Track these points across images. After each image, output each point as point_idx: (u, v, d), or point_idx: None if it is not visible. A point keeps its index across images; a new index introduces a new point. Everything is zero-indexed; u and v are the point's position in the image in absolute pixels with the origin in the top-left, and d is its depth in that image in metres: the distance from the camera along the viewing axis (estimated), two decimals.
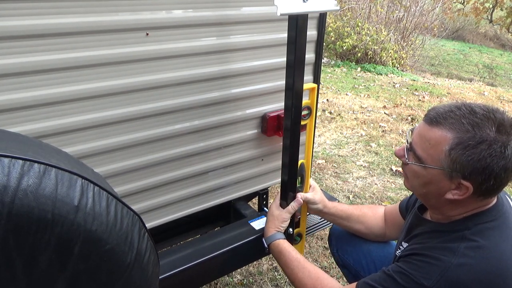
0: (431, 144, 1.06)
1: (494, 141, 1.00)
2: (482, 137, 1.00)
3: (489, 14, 16.19)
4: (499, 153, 1.00)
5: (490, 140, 1.00)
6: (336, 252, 1.72)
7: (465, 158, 1.02)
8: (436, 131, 1.06)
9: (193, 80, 1.49)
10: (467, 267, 1.04)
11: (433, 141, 1.06)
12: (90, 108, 1.32)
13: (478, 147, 1.00)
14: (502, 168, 1.01)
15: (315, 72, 1.83)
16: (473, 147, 1.01)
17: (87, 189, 0.87)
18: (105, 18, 1.25)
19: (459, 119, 1.03)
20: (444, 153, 1.04)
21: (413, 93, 6.30)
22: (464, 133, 1.02)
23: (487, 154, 1.00)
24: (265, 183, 1.92)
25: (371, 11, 8.30)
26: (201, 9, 1.42)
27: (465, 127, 1.02)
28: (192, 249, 1.57)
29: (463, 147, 1.02)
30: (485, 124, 1.01)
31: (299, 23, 1.37)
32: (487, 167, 1.01)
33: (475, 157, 1.01)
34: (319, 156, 3.87)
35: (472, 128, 1.01)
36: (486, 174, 1.02)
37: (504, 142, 1.00)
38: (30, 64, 1.17)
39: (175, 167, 1.59)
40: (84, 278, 0.91)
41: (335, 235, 1.74)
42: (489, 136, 1.00)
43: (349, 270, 1.68)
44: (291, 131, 1.52)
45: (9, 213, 0.77)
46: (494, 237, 1.07)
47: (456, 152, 1.02)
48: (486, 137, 1.00)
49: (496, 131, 1.01)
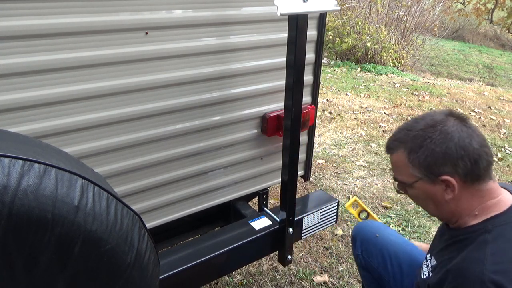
0: (399, 166, 1.22)
1: (432, 132, 1.14)
2: (422, 136, 1.15)
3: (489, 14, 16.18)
4: (442, 137, 1.13)
5: (430, 134, 1.14)
6: (360, 254, 1.68)
7: (423, 158, 1.15)
8: (394, 155, 1.22)
9: (193, 80, 1.49)
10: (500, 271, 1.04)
11: (398, 163, 1.22)
12: (90, 108, 1.32)
13: (424, 144, 1.14)
14: (457, 147, 1.11)
15: (315, 72, 1.83)
16: (421, 146, 1.15)
17: (87, 189, 0.87)
18: (105, 18, 1.25)
19: (401, 137, 1.20)
20: (409, 166, 1.18)
21: (413, 93, 6.30)
22: (409, 143, 1.17)
23: (434, 145, 1.13)
24: (265, 183, 1.92)
25: (371, 10, 8.30)
26: (201, 9, 1.42)
27: (408, 139, 1.18)
28: (192, 249, 1.57)
29: (414, 152, 1.16)
30: (421, 128, 1.17)
31: (299, 23, 1.37)
32: (444, 154, 1.12)
33: (428, 153, 1.14)
34: (319, 156, 3.87)
35: (413, 137, 1.17)
36: (450, 160, 1.12)
37: (441, 129, 1.14)
38: (30, 64, 1.17)
39: (175, 167, 1.59)
40: (84, 278, 0.91)
41: (360, 237, 1.69)
42: (427, 132, 1.15)
43: (371, 273, 1.65)
44: (291, 131, 1.52)
45: (9, 213, 0.77)
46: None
47: (413, 159, 1.16)
48: (424, 134, 1.15)
49: (430, 127, 1.16)
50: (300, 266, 2.40)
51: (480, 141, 1.13)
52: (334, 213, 1.94)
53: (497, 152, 4.15)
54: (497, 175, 3.66)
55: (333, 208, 1.92)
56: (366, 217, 2.03)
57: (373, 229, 1.69)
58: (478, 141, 1.13)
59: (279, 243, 1.75)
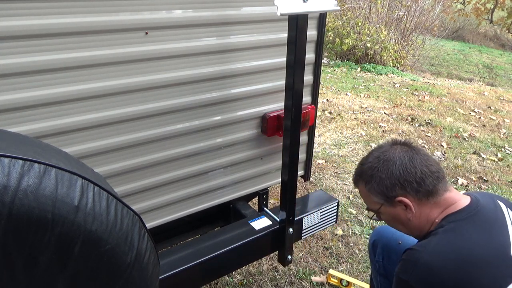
0: (364, 196, 1.38)
1: (377, 162, 1.30)
2: (370, 168, 1.31)
3: (489, 14, 16.18)
4: (385, 165, 1.28)
5: (375, 164, 1.30)
6: (381, 260, 1.67)
7: (376, 186, 1.30)
8: (359, 188, 1.38)
9: (193, 80, 1.49)
10: (437, 254, 1.16)
11: (362, 194, 1.38)
12: (90, 108, 1.32)
13: (374, 175, 1.30)
14: (400, 170, 1.26)
15: (315, 72, 1.83)
16: (372, 177, 1.30)
17: (87, 189, 0.87)
18: (105, 18, 1.25)
19: (358, 172, 1.37)
20: (370, 195, 1.33)
21: (413, 93, 6.30)
22: (363, 175, 1.34)
23: (380, 173, 1.28)
24: (265, 183, 1.92)
25: (371, 10, 8.30)
26: (201, 9, 1.42)
27: (362, 172, 1.34)
28: (192, 249, 1.57)
29: (368, 182, 1.32)
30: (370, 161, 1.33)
31: (299, 23, 1.37)
32: (391, 178, 1.26)
33: (378, 181, 1.29)
34: (319, 156, 3.87)
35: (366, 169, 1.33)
36: (397, 183, 1.26)
37: (383, 157, 1.30)
38: (30, 64, 1.17)
39: (175, 167, 1.59)
40: (84, 278, 0.91)
41: (382, 243, 1.69)
42: (373, 163, 1.31)
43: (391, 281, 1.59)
44: (291, 131, 1.52)
45: (9, 213, 0.77)
46: (465, 228, 1.20)
47: (370, 189, 1.32)
48: (372, 165, 1.31)
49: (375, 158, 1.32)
50: (300, 266, 2.40)
51: (422, 161, 1.26)
52: (334, 213, 1.94)
53: (497, 152, 4.15)
54: (497, 175, 3.66)
55: (333, 208, 1.92)
56: (347, 283, 2.21)
57: (395, 235, 1.68)
58: (420, 161, 1.26)
59: (279, 243, 1.74)
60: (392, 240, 1.67)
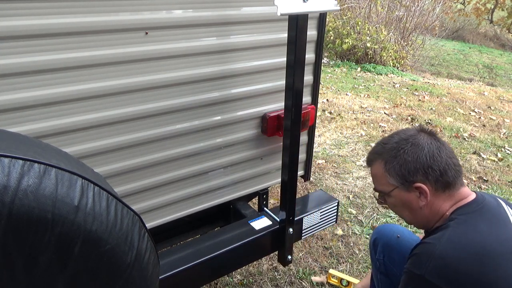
0: (377, 176, 1.34)
1: (405, 144, 1.28)
2: (396, 148, 1.29)
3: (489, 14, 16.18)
4: (414, 148, 1.26)
5: (402, 146, 1.28)
6: (382, 259, 1.68)
7: (397, 168, 1.27)
8: (373, 167, 1.36)
9: (193, 80, 1.49)
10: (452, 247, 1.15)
11: (376, 174, 1.35)
12: (90, 108, 1.32)
13: (397, 155, 1.28)
14: (427, 157, 1.25)
15: (315, 72, 1.83)
16: (395, 157, 1.28)
17: (87, 189, 0.87)
18: (105, 18, 1.25)
19: (379, 150, 1.34)
20: (386, 176, 1.31)
21: (413, 93, 6.30)
22: (385, 154, 1.31)
23: (406, 155, 1.26)
24: (265, 183, 1.92)
25: (371, 10, 8.30)
26: (201, 9, 1.42)
27: (383, 151, 1.32)
28: (192, 249, 1.57)
29: (389, 162, 1.29)
30: (395, 142, 1.31)
31: (299, 23, 1.37)
32: (415, 163, 1.25)
33: (401, 163, 1.27)
34: (319, 156, 3.87)
35: (389, 149, 1.31)
36: (421, 169, 1.25)
37: (412, 141, 1.28)
38: (30, 64, 1.17)
39: (175, 167, 1.59)
40: (84, 278, 0.91)
41: (382, 242, 1.71)
42: (400, 144, 1.29)
43: (391, 279, 1.65)
44: (291, 131, 1.52)
45: (9, 213, 0.77)
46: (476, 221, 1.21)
47: (389, 169, 1.29)
48: (399, 146, 1.29)
49: (403, 140, 1.30)
50: (300, 266, 2.40)
51: (448, 153, 1.27)
52: (334, 213, 1.94)
53: (497, 152, 4.15)
54: (497, 175, 3.66)
55: (333, 208, 1.92)
56: (347, 283, 2.21)
57: (395, 233, 1.69)
58: (446, 153, 1.26)
59: (279, 243, 1.74)
60: (392, 238, 1.68)
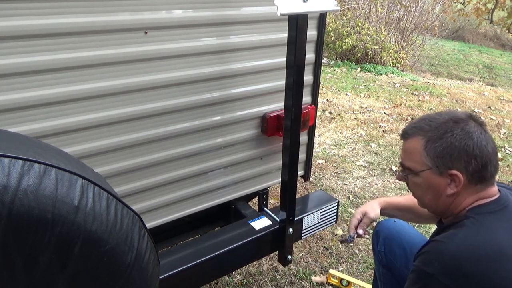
0: (411, 152, 1.26)
1: (455, 127, 1.20)
2: (444, 129, 1.20)
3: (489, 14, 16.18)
4: (463, 134, 1.19)
5: (451, 128, 1.20)
6: (383, 251, 1.67)
7: (439, 149, 1.20)
8: (410, 141, 1.26)
9: (193, 80, 1.49)
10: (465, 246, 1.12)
11: (411, 149, 1.26)
12: (90, 108, 1.32)
13: (444, 137, 1.19)
14: (474, 146, 1.18)
15: (315, 72, 1.83)
16: (440, 138, 1.20)
17: (87, 189, 0.87)
18: (105, 18, 1.25)
19: (422, 125, 1.25)
20: (422, 154, 1.22)
21: (413, 93, 6.30)
22: (429, 132, 1.22)
23: (454, 139, 1.18)
24: (265, 183, 1.92)
25: (371, 11, 8.30)
26: (201, 9, 1.42)
27: (429, 128, 1.23)
28: (192, 249, 1.57)
29: (432, 142, 1.21)
30: (443, 122, 1.22)
31: (299, 23, 1.37)
32: (461, 150, 1.18)
33: (445, 145, 1.19)
34: (319, 156, 3.87)
35: (435, 128, 1.22)
36: (465, 156, 1.18)
37: (463, 126, 1.20)
38: (30, 64, 1.17)
39: (175, 167, 1.59)
40: (84, 278, 0.91)
41: (384, 234, 1.69)
42: (449, 126, 1.21)
43: (392, 272, 1.64)
44: (291, 131, 1.52)
45: (9, 213, 0.77)
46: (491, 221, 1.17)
47: (430, 148, 1.21)
48: (447, 128, 1.21)
49: (453, 122, 1.21)
50: (300, 266, 2.40)
51: (493, 148, 1.21)
52: (334, 213, 1.94)
53: (497, 152, 4.15)
54: (497, 175, 3.66)
55: (333, 208, 1.92)
56: (347, 283, 2.20)
57: (397, 227, 1.69)
58: (492, 147, 1.21)
59: (279, 243, 1.74)
60: (394, 231, 1.67)
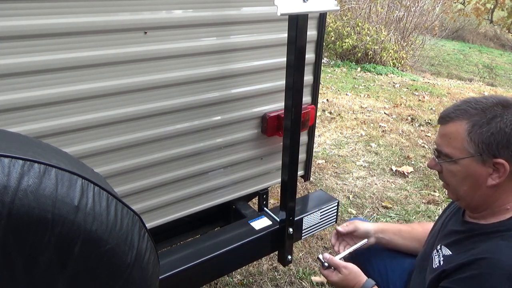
0: (452, 137, 1.13)
1: (504, 113, 1.08)
2: (492, 114, 1.09)
3: (489, 14, 16.19)
4: None
5: (501, 113, 1.08)
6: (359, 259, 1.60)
7: (485, 135, 1.08)
8: (451, 125, 1.14)
9: (193, 80, 1.49)
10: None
11: (453, 134, 1.13)
12: (90, 108, 1.32)
13: (492, 122, 1.08)
14: None
15: (315, 72, 1.83)
16: (488, 123, 1.08)
17: (87, 189, 0.87)
18: (105, 18, 1.25)
19: (467, 108, 1.12)
20: (465, 140, 1.10)
21: (413, 93, 6.30)
22: (475, 116, 1.10)
23: (503, 124, 1.07)
24: (265, 183, 1.92)
25: (371, 11, 8.30)
26: (201, 9, 1.42)
27: (475, 112, 1.11)
28: (192, 249, 1.57)
29: (478, 126, 1.09)
30: (490, 105, 1.10)
31: (299, 23, 1.37)
32: (511, 137, 1.06)
33: (494, 131, 1.07)
34: (319, 156, 3.87)
35: (481, 111, 1.10)
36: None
37: (510, 109, 1.08)
38: (30, 64, 1.17)
39: (175, 167, 1.59)
40: (84, 278, 0.91)
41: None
42: (498, 111, 1.09)
43: None
44: (291, 131, 1.52)
45: (9, 213, 0.77)
46: None
47: (475, 133, 1.09)
48: (496, 112, 1.09)
49: (502, 107, 1.10)
50: (300, 266, 2.40)
51: None
52: (334, 213, 1.94)
53: None
54: None
55: (333, 208, 1.92)
56: None
57: None
58: None
59: (279, 243, 1.74)
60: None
